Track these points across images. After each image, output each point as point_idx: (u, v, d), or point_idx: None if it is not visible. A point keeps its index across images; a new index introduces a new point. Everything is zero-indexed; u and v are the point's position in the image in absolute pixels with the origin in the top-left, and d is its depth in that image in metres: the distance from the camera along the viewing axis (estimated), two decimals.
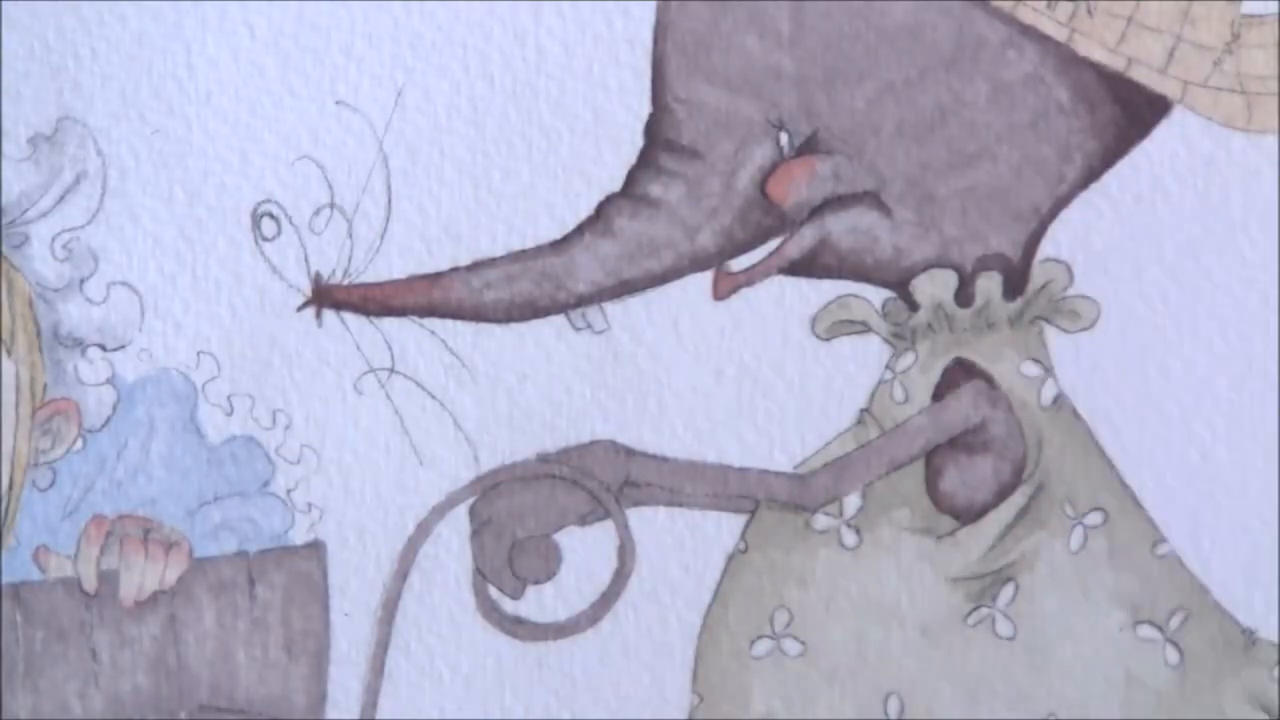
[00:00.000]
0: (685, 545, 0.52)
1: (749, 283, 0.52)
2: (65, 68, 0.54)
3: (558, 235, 0.52)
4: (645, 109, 0.52)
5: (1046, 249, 0.51)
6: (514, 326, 0.52)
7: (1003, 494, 0.51)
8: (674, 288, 0.52)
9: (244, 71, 0.54)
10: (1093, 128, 0.50)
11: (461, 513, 0.52)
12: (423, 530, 0.52)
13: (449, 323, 0.53)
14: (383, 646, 0.53)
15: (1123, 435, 0.50)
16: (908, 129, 0.50)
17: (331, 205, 0.53)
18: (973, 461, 0.51)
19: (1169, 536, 0.50)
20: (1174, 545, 0.50)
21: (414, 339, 0.53)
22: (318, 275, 0.53)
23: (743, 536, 0.52)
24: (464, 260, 0.53)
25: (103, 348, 0.54)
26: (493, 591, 0.52)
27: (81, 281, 0.54)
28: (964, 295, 0.51)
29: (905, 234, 0.51)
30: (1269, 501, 0.50)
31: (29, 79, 0.55)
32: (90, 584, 0.53)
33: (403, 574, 0.52)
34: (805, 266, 0.51)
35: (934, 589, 0.51)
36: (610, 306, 0.52)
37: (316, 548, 0.53)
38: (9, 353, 0.54)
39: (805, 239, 0.51)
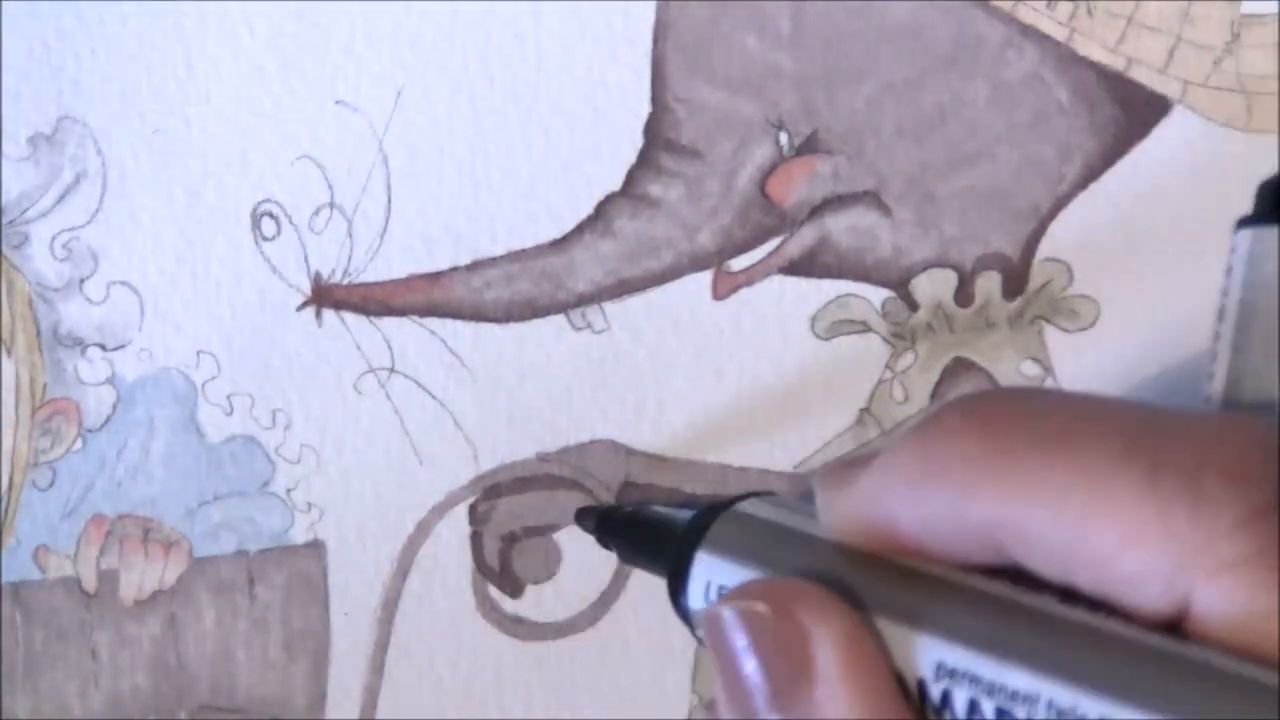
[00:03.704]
0: None
1: (749, 282, 0.52)
2: (65, 68, 0.55)
3: (558, 235, 0.52)
4: (645, 109, 0.52)
5: (1046, 249, 0.51)
6: (514, 326, 0.52)
7: None
8: (674, 288, 0.52)
9: (244, 71, 0.54)
10: (1093, 128, 0.50)
11: (461, 513, 0.52)
12: (423, 530, 0.52)
13: (449, 323, 0.53)
14: (383, 646, 0.53)
15: None
16: (908, 129, 0.50)
17: (331, 205, 0.53)
18: None
19: None
20: None
21: (414, 339, 0.53)
22: (318, 275, 0.53)
23: None
24: (464, 260, 0.53)
25: (103, 347, 0.54)
26: (493, 591, 0.52)
27: (81, 281, 0.54)
28: (964, 295, 0.51)
29: (905, 234, 0.51)
30: None
31: (29, 79, 0.55)
32: (90, 584, 0.53)
33: (403, 574, 0.52)
34: (805, 266, 0.51)
35: None
36: (610, 306, 0.52)
37: (316, 547, 0.53)
38: (9, 353, 0.54)
39: (805, 239, 0.51)
